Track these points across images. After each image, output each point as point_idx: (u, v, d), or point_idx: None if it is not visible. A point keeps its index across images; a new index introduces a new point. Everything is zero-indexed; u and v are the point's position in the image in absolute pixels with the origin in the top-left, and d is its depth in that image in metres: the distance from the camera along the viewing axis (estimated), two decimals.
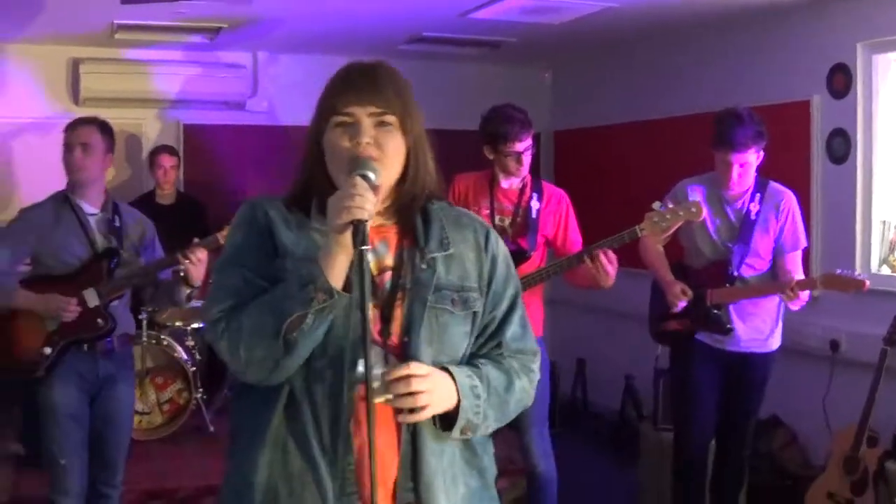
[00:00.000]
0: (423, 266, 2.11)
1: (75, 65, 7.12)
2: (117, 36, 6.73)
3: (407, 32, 6.95)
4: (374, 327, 2.05)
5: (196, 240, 4.09)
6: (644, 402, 6.64)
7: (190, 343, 6.20)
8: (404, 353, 2.06)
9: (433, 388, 1.99)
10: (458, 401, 2.04)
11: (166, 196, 6.87)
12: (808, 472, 5.36)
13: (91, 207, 4.20)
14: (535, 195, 4.54)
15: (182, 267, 4.04)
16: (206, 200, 7.11)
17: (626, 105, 7.45)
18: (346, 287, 1.93)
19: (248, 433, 2.10)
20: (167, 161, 6.81)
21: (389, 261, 2.13)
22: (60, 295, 4.05)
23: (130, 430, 4.45)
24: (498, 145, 4.45)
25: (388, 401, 1.96)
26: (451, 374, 2.05)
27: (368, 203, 1.89)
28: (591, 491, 5.67)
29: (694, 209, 4.04)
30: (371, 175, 1.97)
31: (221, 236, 4.08)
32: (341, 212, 1.89)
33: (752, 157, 4.38)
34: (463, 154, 4.75)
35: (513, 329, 2.23)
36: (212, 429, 5.91)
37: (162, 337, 6.04)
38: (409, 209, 2.15)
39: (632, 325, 6.44)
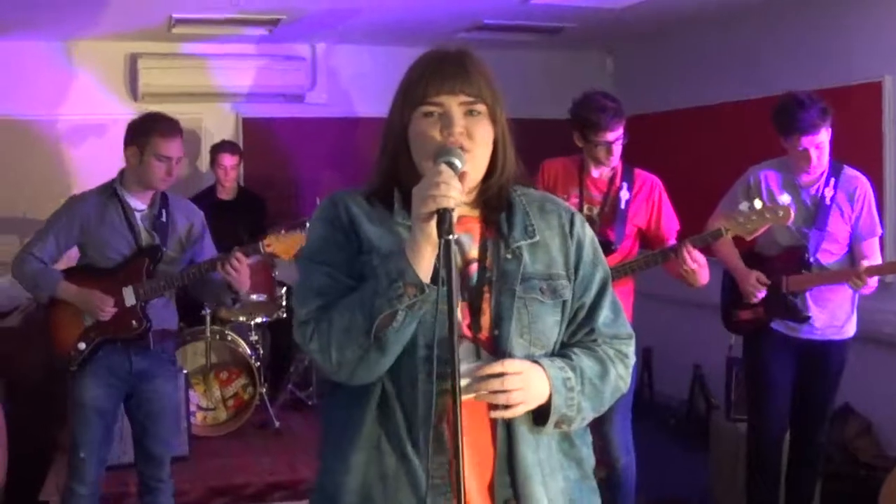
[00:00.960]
0: (509, 256, 2.07)
1: (133, 60, 7.16)
2: (175, 30, 6.74)
3: (467, 20, 6.86)
4: (464, 321, 2.01)
5: (237, 248, 4.04)
6: (713, 392, 6.52)
7: (254, 338, 6.19)
8: (495, 346, 2.02)
9: (527, 385, 1.95)
10: (550, 395, 1.99)
11: (228, 191, 6.86)
12: (883, 463, 5.24)
13: (139, 203, 4.18)
14: (625, 184, 4.44)
15: (228, 269, 4.00)
16: (265, 194, 7.12)
17: (689, 89, 7.29)
18: (434, 280, 1.87)
19: (339, 433, 2.08)
20: (228, 161, 6.78)
21: (474, 252, 2.08)
22: (100, 292, 4.05)
23: (175, 425, 4.49)
24: (588, 134, 4.34)
25: (479, 397, 1.93)
26: (542, 367, 2.00)
27: (454, 191, 1.83)
28: (660, 482, 5.57)
29: (782, 213, 3.95)
30: (457, 162, 1.92)
31: (264, 244, 4.07)
32: (426, 200, 1.83)
33: (825, 136, 4.28)
34: (525, 143, 4.68)
35: (604, 314, 2.17)
36: (277, 424, 5.90)
37: (226, 332, 6.04)
38: (495, 200, 2.11)
39: (699, 314, 6.33)
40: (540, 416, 2.02)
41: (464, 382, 1.94)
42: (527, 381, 1.95)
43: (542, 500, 2.05)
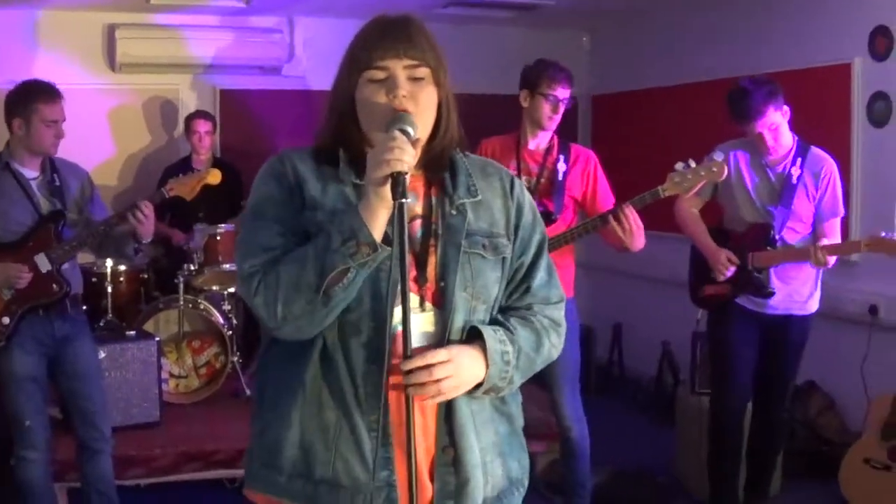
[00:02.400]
0: (454, 212, 2.14)
1: (111, 31, 7.12)
2: (153, 1, 6.73)
3: None
4: (411, 274, 2.06)
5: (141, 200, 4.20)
6: (681, 368, 6.61)
7: (227, 307, 6.21)
8: (440, 298, 2.08)
9: (457, 371, 2.02)
10: (487, 367, 2.06)
11: (202, 162, 6.85)
12: (846, 439, 5.34)
13: (31, 171, 4.22)
14: (561, 157, 4.53)
15: (139, 215, 4.12)
16: (242, 166, 7.09)
17: (665, 68, 7.36)
18: (385, 240, 1.94)
19: (279, 388, 2.12)
20: (202, 126, 6.79)
21: (419, 209, 2.15)
22: (11, 262, 4.09)
23: (101, 384, 4.54)
24: (539, 87, 4.42)
25: (411, 391, 1.97)
26: (484, 338, 2.06)
27: (408, 156, 1.91)
28: (627, 456, 5.66)
29: (716, 168, 4.03)
30: (410, 130, 1.98)
31: (166, 189, 4.31)
32: (381, 165, 1.89)
33: (776, 117, 4.38)
34: (500, 119, 4.74)
35: (540, 275, 2.25)
36: (248, 392, 5.90)
37: (199, 301, 6.06)
38: (438, 160, 2.17)
39: (668, 290, 6.43)
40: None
41: (419, 332, 2.05)
42: (457, 367, 2.02)
43: (475, 449, 2.13)
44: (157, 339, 5.44)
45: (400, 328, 1.97)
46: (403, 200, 1.88)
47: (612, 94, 8.10)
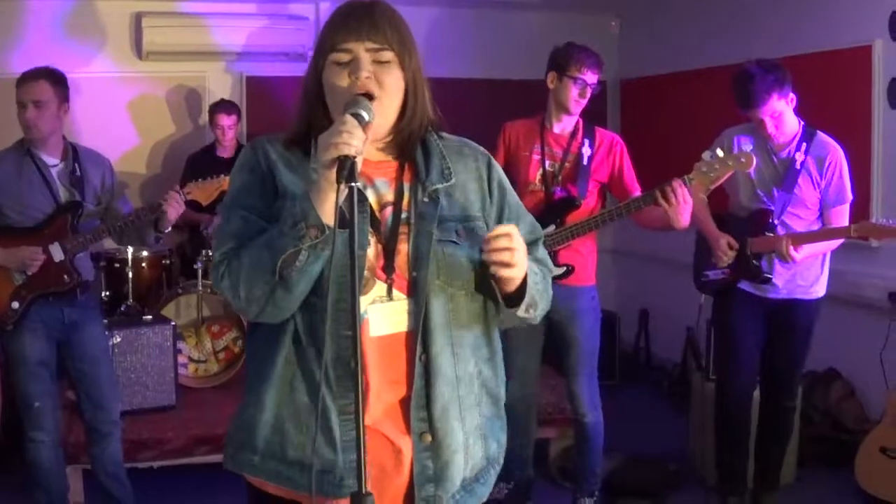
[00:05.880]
0: (426, 199, 2.13)
1: (138, 19, 7.20)
2: None
3: None
4: (378, 263, 2.08)
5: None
6: (704, 355, 6.53)
7: None
8: (413, 287, 2.08)
9: (522, 253, 2.03)
10: (525, 275, 2.09)
11: (227, 149, 6.90)
12: (865, 427, 5.27)
13: (52, 159, 4.27)
14: (586, 141, 4.47)
15: (164, 210, 4.19)
16: None
17: (694, 51, 7.25)
18: (342, 224, 1.92)
19: (256, 370, 2.16)
20: (225, 121, 6.81)
21: (390, 196, 2.15)
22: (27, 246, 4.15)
23: (111, 368, 4.63)
24: (567, 69, 4.38)
25: (491, 254, 2.00)
26: None
27: (356, 139, 1.89)
28: (644, 442, 5.64)
29: (744, 159, 3.94)
30: (363, 113, 1.97)
31: (184, 192, 4.29)
32: (329, 148, 1.89)
33: (780, 105, 4.30)
34: (528, 105, 4.71)
35: (541, 249, 2.34)
36: None
37: None
38: (407, 144, 2.17)
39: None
40: (511, 300, 2.13)
41: (386, 320, 2.06)
42: (522, 249, 2.03)
43: (458, 434, 2.14)
44: (173, 323, 5.50)
45: (367, 315, 1.99)
46: (353, 185, 1.86)
47: (641, 79, 8.03)
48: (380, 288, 2.07)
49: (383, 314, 2.07)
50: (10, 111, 4.26)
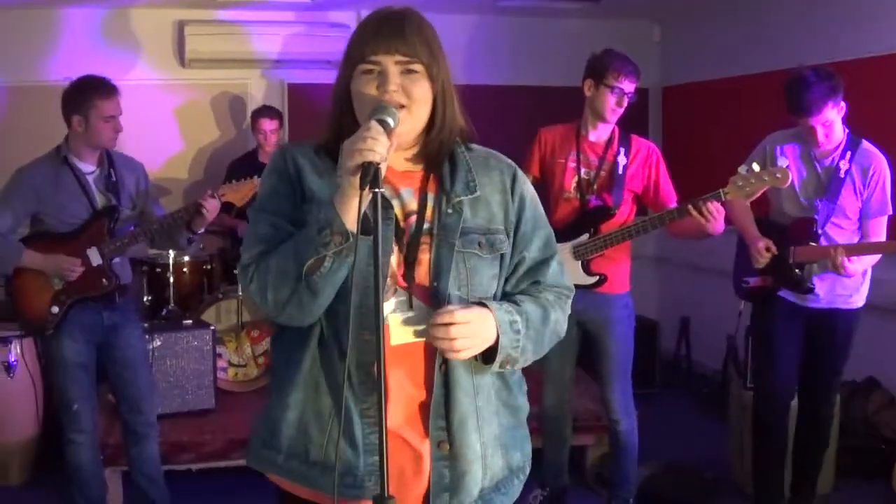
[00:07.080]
0: (449, 210, 2.14)
1: (181, 27, 7.30)
2: None
3: None
4: (399, 272, 2.10)
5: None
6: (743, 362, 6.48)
7: None
8: (433, 297, 2.09)
9: (474, 333, 2.02)
10: (498, 337, 2.07)
11: (269, 155, 6.95)
12: None
13: (88, 166, 4.33)
14: (622, 150, 4.46)
15: (204, 211, 4.27)
16: None
17: (736, 58, 7.21)
18: (365, 230, 1.93)
19: (282, 372, 2.19)
20: (268, 125, 6.87)
21: (414, 205, 2.16)
22: (65, 255, 4.22)
23: (149, 371, 4.67)
24: (604, 78, 4.37)
25: (429, 340, 2.02)
26: (491, 310, 2.07)
27: (380, 146, 1.90)
28: (683, 450, 5.61)
29: (780, 175, 3.91)
30: (389, 120, 1.99)
31: (219, 194, 4.35)
32: (353, 154, 1.90)
33: (832, 114, 4.24)
34: (569, 111, 4.70)
35: (552, 270, 2.27)
36: None
37: None
38: (435, 155, 2.18)
39: None
40: (485, 357, 2.10)
41: (406, 328, 2.07)
42: (474, 329, 2.02)
43: (476, 445, 2.15)
44: (213, 328, 5.57)
45: (388, 322, 2.02)
46: (377, 190, 1.87)
47: (683, 85, 7.99)
48: (400, 296, 2.10)
49: (404, 323, 2.09)
50: (50, 117, 4.33)
